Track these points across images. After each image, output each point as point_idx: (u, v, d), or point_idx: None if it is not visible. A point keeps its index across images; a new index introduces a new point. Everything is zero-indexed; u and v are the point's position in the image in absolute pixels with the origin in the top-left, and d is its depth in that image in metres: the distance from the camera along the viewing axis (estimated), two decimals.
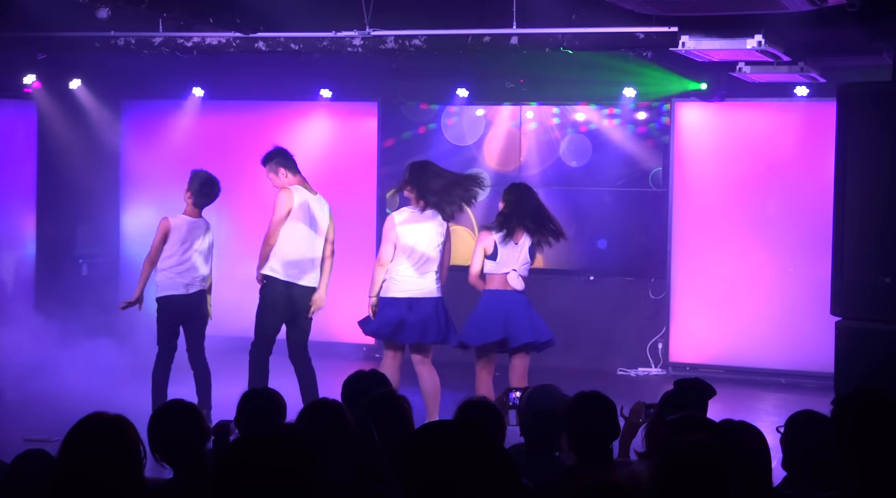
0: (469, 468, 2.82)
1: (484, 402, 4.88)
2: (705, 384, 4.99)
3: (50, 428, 7.98)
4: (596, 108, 12.07)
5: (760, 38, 8.27)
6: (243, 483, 2.70)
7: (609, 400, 4.49)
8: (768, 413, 9.76)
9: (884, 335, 7.85)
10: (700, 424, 4.12)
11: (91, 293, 12.77)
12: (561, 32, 9.11)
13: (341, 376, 5.29)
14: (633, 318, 11.91)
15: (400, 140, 12.56)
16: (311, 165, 12.86)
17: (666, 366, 11.76)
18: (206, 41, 9.96)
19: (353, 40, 9.47)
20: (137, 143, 13.32)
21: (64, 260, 12.68)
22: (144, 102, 13.31)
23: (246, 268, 10.84)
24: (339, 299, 11.66)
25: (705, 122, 11.68)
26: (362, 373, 5.33)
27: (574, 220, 12.10)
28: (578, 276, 12.14)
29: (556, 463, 4.69)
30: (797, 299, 11.18)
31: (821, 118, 10.81)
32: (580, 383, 5.20)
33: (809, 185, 11.12)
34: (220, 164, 12.83)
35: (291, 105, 12.75)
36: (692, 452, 3.31)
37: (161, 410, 4.47)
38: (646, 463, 3.90)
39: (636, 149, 11.95)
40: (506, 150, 12.29)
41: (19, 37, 10.38)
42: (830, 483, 4.18)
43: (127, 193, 13.37)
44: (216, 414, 8.80)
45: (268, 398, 4.84)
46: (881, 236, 7.95)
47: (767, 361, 11.35)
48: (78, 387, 10.23)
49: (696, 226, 11.70)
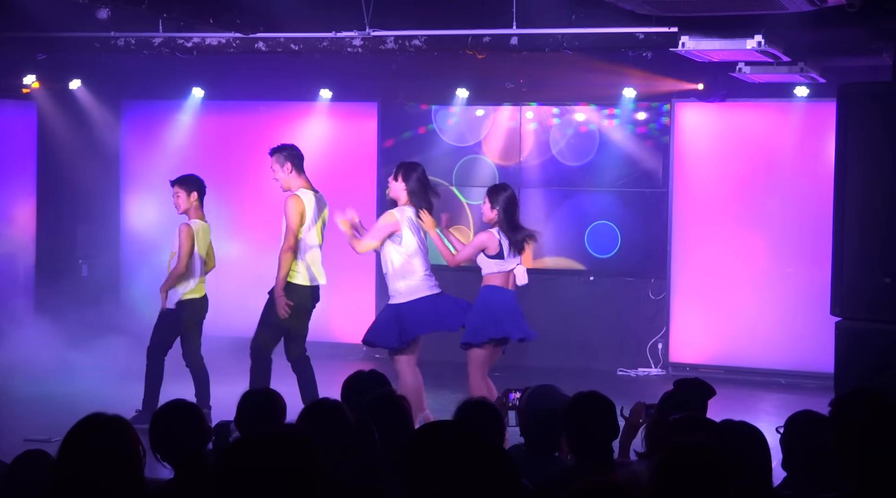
0: (469, 468, 2.82)
1: (484, 402, 4.88)
2: (705, 384, 4.99)
3: (50, 428, 7.99)
4: (596, 108, 12.07)
5: (760, 39, 8.27)
6: (243, 484, 2.70)
7: (608, 400, 4.49)
8: (768, 413, 9.76)
9: (884, 335, 7.85)
10: (700, 424, 4.12)
11: (91, 293, 12.77)
12: (561, 33, 9.11)
13: (341, 376, 5.29)
14: (633, 318, 11.91)
15: (400, 140, 12.56)
16: (312, 166, 12.85)
17: (666, 366, 11.77)
18: (206, 41, 9.96)
19: (353, 40, 9.47)
20: (137, 144, 13.32)
21: (64, 260, 12.68)
22: (144, 103, 13.31)
23: (246, 268, 10.88)
24: (339, 300, 11.67)
25: (705, 122, 11.68)
26: (362, 373, 5.33)
27: (574, 221, 12.11)
28: (578, 276, 12.14)
29: (555, 463, 4.69)
30: (797, 299, 11.19)
31: (821, 118, 10.81)
32: (580, 383, 5.20)
33: (809, 186, 11.12)
34: (220, 165, 12.88)
35: (291, 105, 12.75)
36: (692, 453, 3.31)
37: (163, 409, 4.47)
38: (646, 463, 3.90)
39: (636, 149, 11.95)
40: (505, 151, 12.29)
41: (19, 37, 10.38)
42: (830, 483, 4.18)
43: (127, 194, 13.37)
44: (216, 414, 8.82)
45: (268, 398, 4.84)
46: (881, 236, 7.94)
47: (767, 361, 11.35)
48: (78, 387, 10.24)
49: (696, 226, 11.70)
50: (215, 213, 12.79)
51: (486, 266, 8.30)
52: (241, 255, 11.98)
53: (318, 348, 10.26)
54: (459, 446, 2.86)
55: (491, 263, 8.26)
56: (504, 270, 8.25)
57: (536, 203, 12.19)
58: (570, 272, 12.13)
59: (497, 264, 8.24)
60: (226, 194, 12.68)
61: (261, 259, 11.19)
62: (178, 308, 9.07)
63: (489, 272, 8.28)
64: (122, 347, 12.42)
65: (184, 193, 9.09)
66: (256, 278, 9.35)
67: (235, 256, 12.01)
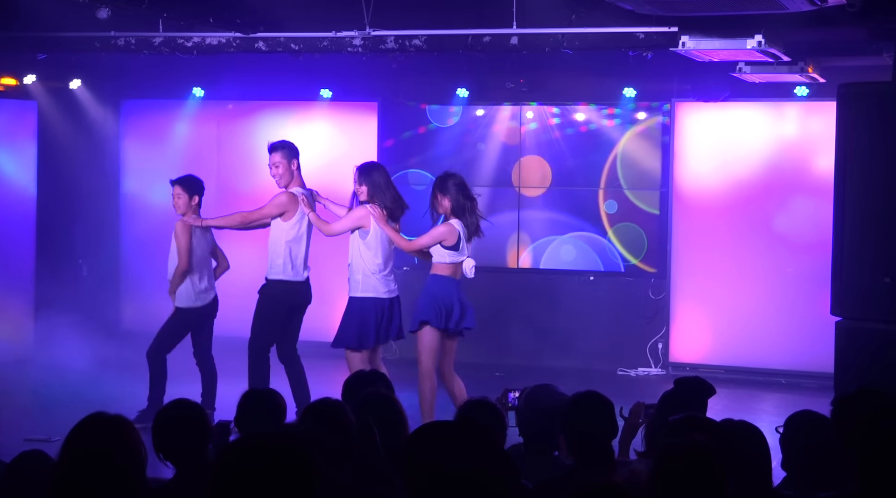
0: (469, 468, 2.82)
1: (484, 402, 4.89)
2: (705, 383, 4.99)
3: (50, 428, 7.99)
4: (596, 108, 12.08)
5: (760, 38, 8.27)
6: (242, 484, 2.70)
7: (606, 400, 4.48)
8: (768, 413, 9.76)
9: (884, 335, 7.85)
10: (700, 423, 4.12)
11: (91, 293, 12.77)
12: (561, 32, 9.12)
13: (341, 376, 5.29)
14: (633, 318, 11.91)
15: (400, 140, 12.57)
16: (312, 165, 12.89)
17: (666, 366, 11.77)
18: (206, 41, 9.96)
19: (353, 40, 9.47)
20: (137, 143, 13.32)
21: (64, 260, 12.68)
22: (144, 102, 13.31)
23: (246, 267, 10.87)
24: (339, 299, 11.67)
25: (705, 122, 11.67)
26: (362, 373, 5.34)
27: (574, 221, 12.11)
28: (578, 276, 12.14)
29: (555, 463, 4.69)
30: (797, 299, 11.18)
31: (821, 118, 10.81)
32: (580, 383, 5.20)
33: (809, 186, 11.12)
34: (219, 165, 12.89)
35: (291, 105, 12.75)
36: (690, 453, 3.31)
37: (165, 409, 4.47)
38: (646, 463, 3.90)
39: (636, 149, 11.95)
40: (505, 151, 12.29)
41: (19, 37, 10.39)
42: (830, 483, 4.18)
43: (127, 194, 13.37)
44: (216, 414, 8.82)
45: (268, 398, 4.84)
46: (881, 236, 7.94)
47: (767, 361, 11.35)
48: (78, 387, 10.24)
49: (696, 226, 11.70)
50: (215, 213, 12.80)
51: (438, 255, 8.44)
52: (240, 254, 11.98)
53: (317, 348, 10.28)
54: (460, 446, 2.87)
55: (444, 253, 8.39)
56: (456, 261, 8.40)
57: (536, 203, 12.19)
58: (570, 272, 12.13)
59: (450, 255, 8.38)
60: (225, 194, 12.68)
61: (260, 259, 11.17)
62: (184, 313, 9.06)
63: (440, 261, 8.42)
64: (122, 346, 12.44)
65: (186, 196, 9.02)
66: (256, 278, 9.33)
67: (235, 256, 12.00)
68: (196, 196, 9.07)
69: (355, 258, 8.57)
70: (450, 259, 8.40)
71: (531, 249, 12.23)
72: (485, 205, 12.21)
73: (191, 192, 9.05)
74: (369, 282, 8.51)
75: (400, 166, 12.44)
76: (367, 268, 8.51)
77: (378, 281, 8.52)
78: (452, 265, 8.42)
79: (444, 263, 8.42)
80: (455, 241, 8.37)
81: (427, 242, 8.46)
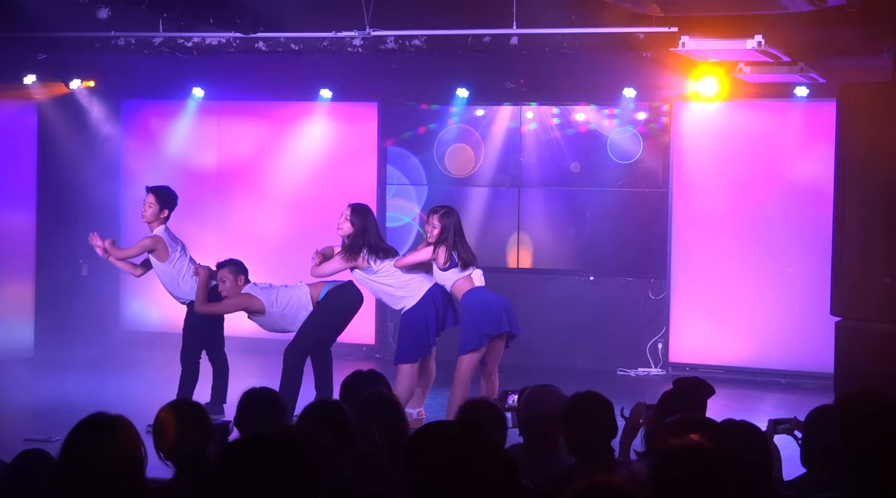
0: (469, 468, 2.82)
1: (485, 402, 4.89)
2: (705, 383, 5.00)
3: (50, 428, 7.99)
4: (596, 108, 12.07)
5: (760, 38, 8.28)
6: (241, 484, 2.70)
7: (605, 400, 4.48)
8: (768, 413, 9.73)
9: (884, 335, 7.86)
10: (700, 424, 4.12)
11: (91, 293, 12.77)
12: (561, 32, 9.11)
13: (340, 376, 5.30)
14: (633, 318, 11.91)
15: (400, 140, 12.56)
16: (312, 166, 12.90)
17: (666, 366, 11.77)
18: (206, 41, 9.96)
19: (353, 40, 9.47)
20: (137, 143, 13.32)
21: (64, 260, 12.68)
22: (144, 102, 13.30)
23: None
24: None
25: (705, 122, 11.67)
26: (361, 372, 5.34)
27: (574, 221, 12.11)
28: (578, 276, 12.14)
29: (555, 463, 4.69)
30: (797, 299, 11.18)
31: (821, 118, 10.81)
32: (580, 383, 5.20)
33: (809, 186, 11.12)
34: (219, 165, 12.88)
35: (291, 105, 12.74)
36: (689, 453, 3.31)
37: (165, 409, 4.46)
38: (646, 463, 3.90)
39: (636, 149, 11.94)
40: (505, 151, 12.29)
41: (19, 37, 10.39)
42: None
43: (127, 193, 13.36)
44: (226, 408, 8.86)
45: (268, 398, 4.84)
46: (881, 236, 7.95)
47: (767, 361, 11.35)
48: (78, 387, 10.24)
49: (696, 226, 11.70)
50: (215, 214, 12.82)
51: (448, 278, 8.55)
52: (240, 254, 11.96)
53: None
54: (460, 446, 2.87)
55: (451, 274, 8.52)
56: (465, 274, 8.53)
57: (536, 203, 12.19)
58: (570, 272, 12.13)
59: (456, 271, 8.52)
60: (225, 194, 12.69)
61: (261, 258, 11.18)
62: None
63: (457, 279, 8.54)
64: (122, 346, 12.44)
65: (157, 207, 8.92)
66: (257, 278, 9.34)
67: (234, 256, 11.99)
68: (166, 210, 8.99)
69: (382, 293, 8.79)
70: (462, 273, 8.54)
71: (531, 249, 12.22)
72: (485, 205, 12.25)
73: (162, 204, 8.97)
74: (409, 289, 8.67)
75: (400, 166, 12.45)
76: (396, 286, 8.70)
77: (414, 285, 8.67)
78: (467, 278, 8.55)
79: (460, 279, 8.55)
80: (446, 258, 8.49)
81: (414, 259, 8.64)
